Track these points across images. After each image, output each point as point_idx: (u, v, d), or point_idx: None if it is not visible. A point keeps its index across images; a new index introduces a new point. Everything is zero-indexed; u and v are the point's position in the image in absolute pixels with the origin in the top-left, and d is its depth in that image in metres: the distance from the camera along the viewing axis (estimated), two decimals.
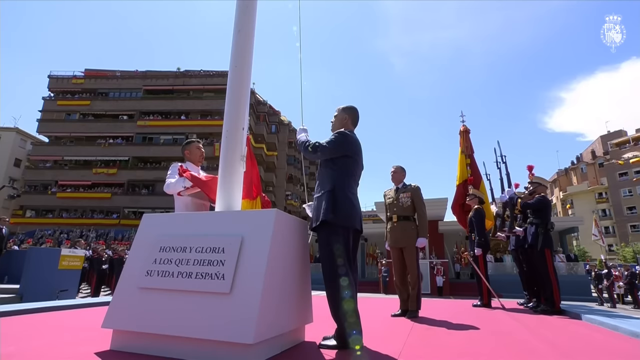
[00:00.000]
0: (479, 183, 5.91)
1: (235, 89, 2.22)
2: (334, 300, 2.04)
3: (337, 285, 2.03)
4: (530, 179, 4.80)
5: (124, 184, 34.63)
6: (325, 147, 2.26)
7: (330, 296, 2.07)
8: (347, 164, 2.29)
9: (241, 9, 2.42)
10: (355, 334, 2.02)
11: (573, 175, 54.59)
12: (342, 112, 2.55)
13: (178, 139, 35.34)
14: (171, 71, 38.66)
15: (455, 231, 18.12)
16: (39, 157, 36.07)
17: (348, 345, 2.02)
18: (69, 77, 38.75)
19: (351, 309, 2.03)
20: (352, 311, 2.03)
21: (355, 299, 2.13)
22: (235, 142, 2.11)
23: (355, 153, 2.36)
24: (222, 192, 2.08)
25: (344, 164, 2.28)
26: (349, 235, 2.19)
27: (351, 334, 2.01)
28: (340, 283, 2.03)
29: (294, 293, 2.03)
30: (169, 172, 2.82)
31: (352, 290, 2.09)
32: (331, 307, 2.07)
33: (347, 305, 2.02)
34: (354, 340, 2.01)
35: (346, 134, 2.34)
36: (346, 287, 2.03)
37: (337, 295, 2.03)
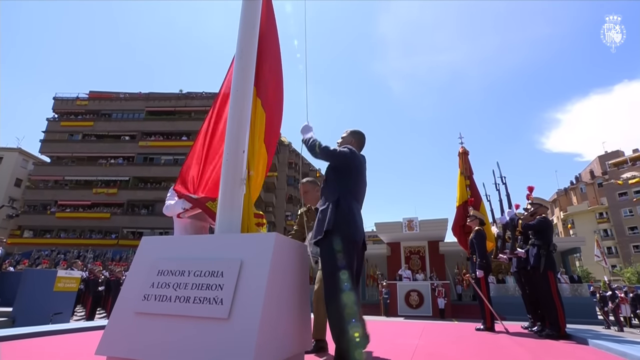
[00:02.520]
0: (479, 204, 5.91)
1: (236, 112, 2.26)
2: (336, 319, 1.95)
3: (340, 302, 1.94)
4: (530, 200, 4.80)
5: (124, 204, 34.58)
6: (333, 151, 2.29)
7: (331, 314, 1.98)
8: (351, 179, 2.31)
9: (243, 36, 2.49)
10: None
11: (573, 195, 54.57)
12: (350, 135, 2.60)
13: (179, 159, 35.53)
14: (173, 93, 39.37)
15: (456, 252, 17.93)
16: (40, 177, 36.18)
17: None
18: (73, 98, 39.42)
19: (356, 330, 1.91)
20: (357, 333, 1.91)
21: (363, 320, 2.06)
22: (236, 164, 2.13)
23: (360, 169, 2.38)
24: (222, 214, 2.08)
25: (348, 179, 2.30)
26: (353, 248, 2.15)
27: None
28: (344, 300, 1.93)
29: (294, 318, 2.00)
30: (168, 194, 2.84)
31: (358, 308, 1.99)
32: (332, 327, 1.98)
33: (352, 328, 1.90)
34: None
35: (353, 150, 2.39)
36: (351, 305, 1.92)
37: (340, 313, 1.93)
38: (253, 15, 2.56)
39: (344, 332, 1.93)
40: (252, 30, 2.53)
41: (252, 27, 2.54)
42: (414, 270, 18.54)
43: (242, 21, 2.52)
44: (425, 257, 19.11)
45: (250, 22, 2.53)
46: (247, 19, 2.52)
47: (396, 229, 18.05)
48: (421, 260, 19.20)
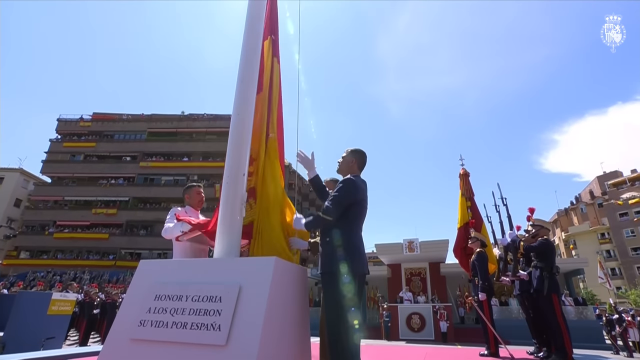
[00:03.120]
0: (480, 226, 5.88)
1: (236, 136, 2.29)
2: (340, 352, 1.95)
3: (346, 344, 1.94)
4: (531, 222, 4.78)
5: (123, 224, 34.36)
6: (334, 209, 2.21)
7: (336, 355, 1.97)
8: (353, 210, 2.29)
9: (245, 60, 2.55)
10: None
11: (573, 215, 54.34)
12: (350, 155, 2.57)
13: (179, 179, 35.62)
14: (175, 114, 39.87)
15: (458, 273, 17.68)
16: (40, 198, 36.11)
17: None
18: (76, 120, 39.88)
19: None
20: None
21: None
22: (236, 188, 2.13)
23: (361, 199, 2.35)
24: (221, 238, 2.07)
25: (350, 210, 2.27)
26: (361, 284, 2.17)
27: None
28: (350, 342, 1.94)
29: (293, 343, 1.95)
30: (167, 217, 2.82)
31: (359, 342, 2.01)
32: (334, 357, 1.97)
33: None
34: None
35: (349, 183, 2.33)
36: (357, 347, 1.94)
37: (344, 355, 1.94)
38: (255, 41, 2.62)
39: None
40: (253, 56, 2.59)
41: (253, 53, 2.60)
42: (415, 293, 18.22)
43: (244, 47, 2.58)
44: (427, 278, 18.82)
45: (252, 48, 2.59)
46: (249, 45, 2.59)
47: (397, 250, 17.87)
48: (422, 282, 18.90)
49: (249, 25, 2.62)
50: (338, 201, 2.22)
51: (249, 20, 2.63)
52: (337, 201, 2.21)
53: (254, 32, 2.64)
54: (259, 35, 2.68)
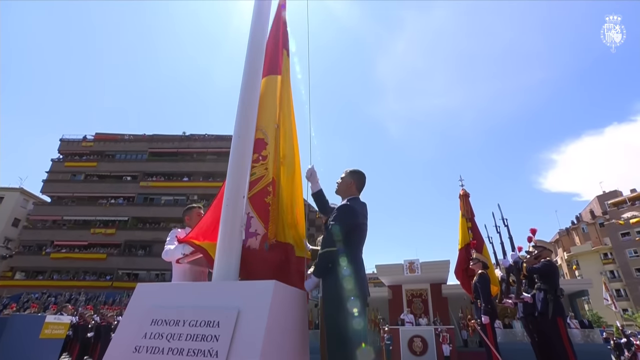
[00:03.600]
0: (481, 247, 5.83)
1: (237, 158, 2.30)
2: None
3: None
4: (534, 243, 4.74)
5: (121, 244, 34.07)
6: (332, 239, 2.19)
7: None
8: (353, 235, 2.27)
9: (247, 86, 2.59)
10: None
11: (575, 235, 53.95)
12: (349, 176, 2.57)
13: (179, 199, 35.60)
14: (177, 135, 40.28)
15: (460, 295, 17.35)
16: (39, 217, 35.95)
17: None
18: (79, 140, 40.22)
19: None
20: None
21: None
22: (235, 210, 2.13)
23: (360, 223, 2.33)
24: (220, 261, 2.05)
25: (350, 235, 2.25)
26: (359, 305, 2.13)
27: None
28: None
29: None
30: (167, 239, 2.81)
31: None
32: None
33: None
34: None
35: (344, 210, 2.31)
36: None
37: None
38: (257, 63, 2.66)
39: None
40: (255, 78, 2.64)
41: (255, 75, 2.65)
42: (417, 315, 17.83)
43: (246, 70, 2.63)
44: (428, 300, 18.46)
45: (254, 71, 2.63)
46: (250, 68, 2.63)
47: (397, 271, 17.63)
48: (424, 303, 18.53)
49: (251, 49, 2.67)
50: (336, 231, 2.20)
51: (252, 43, 2.68)
52: (335, 231, 2.20)
53: (256, 55, 2.68)
54: (260, 58, 2.73)
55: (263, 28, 2.77)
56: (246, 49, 2.72)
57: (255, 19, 2.74)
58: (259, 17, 2.75)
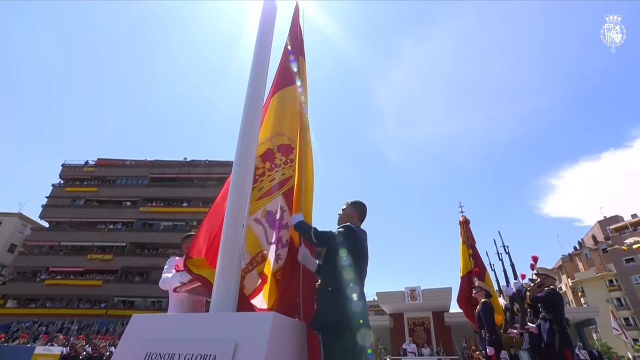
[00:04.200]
0: (483, 274, 5.73)
1: (237, 186, 2.31)
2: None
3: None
4: (536, 271, 4.67)
5: (118, 270, 33.50)
6: (329, 236, 2.27)
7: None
8: (353, 259, 2.25)
9: (248, 114, 2.65)
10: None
11: (578, 261, 53.15)
12: (350, 207, 2.59)
13: (178, 225, 35.39)
14: (178, 160, 40.55)
15: (463, 323, 16.89)
16: (35, 243, 35.50)
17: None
18: (81, 165, 40.37)
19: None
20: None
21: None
22: (235, 239, 2.11)
23: (361, 247, 2.34)
24: (218, 291, 2.01)
25: (350, 259, 2.24)
26: (361, 333, 2.07)
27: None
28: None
29: None
30: (165, 267, 2.77)
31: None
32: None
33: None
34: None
35: (352, 228, 2.35)
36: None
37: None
38: (258, 92, 2.72)
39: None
40: (256, 107, 2.69)
41: (256, 104, 2.71)
42: (419, 344, 17.28)
43: (248, 98, 2.69)
44: (431, 329, 17.95)
45: (255, 99, 2.69)
46: (252, 97, 2.69)
47: (398, 298, 17.26)
48: (426, 332, 18.01)
49: (253, 79, 2.73)
50: (330, 237, 2.30)
51: (254, 71, 2.75)
52: (330, 236, 2.30)
53: (258, 85, 2.75)
54: (262, 88, 2.79)
55: (265, 58, 2.85)
56: (248, 80, 2.80)
57: (258, 50, 2.83)
58: (261, 49, 2.84)
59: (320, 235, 2.29)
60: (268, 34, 2.92)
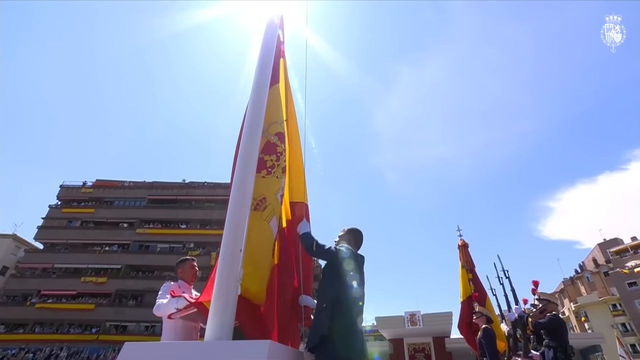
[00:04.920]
0: (484, 299, 5.63)
1: (235, 211, 2.30)
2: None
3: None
4: (538, 296, 4.60)
5: (111, 294, 32.72)
6: (329, 250, 2.29)
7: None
8: (349, 280, 2.24)
9: (247, 141, 2.67)
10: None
11: (580, 284, 52.38)
12: (347, 234, 2.61)
13: (175, 247, 34.98)
14: (177, 182, 40.53)
15: (465, 349, 16.40)
16: (28, 265, 34.81)
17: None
18: (79, 186, 40.16)
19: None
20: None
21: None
22: (232, 265, 2.09)
23: (358, 269, 2.35)
24: (213, 318, 1.97)
25: (345, 279, 2.23)
26: (351, 356, 2.02)
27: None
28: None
29: None
30: (159, 292, 2.72)
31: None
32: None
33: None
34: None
35: (351, 249, 2.39)
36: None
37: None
38: (257, 119, 2.76)
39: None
40: (255, 132, 2.72)
41: (255, 129, 2.74)
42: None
43: (247, 127, 2.73)
44: (432, 355, 17.42)
45: (254, 127, 2.73)
46: (251, 124, 2.73)
47: (398, 323, 16.85)
48: (427, 359, 17.46)
49: (253, 101, 2.78)
50: (329, 251, 2.33)
51: (254, 97, 2.79)
52: (329, 251, 2.33)
53: (257, 111, 2.78)
54: (261, 111, 2.82)
55: (264, 85, 2.91)
56: (247, 104, 2.85)
57: (258, 76, 2.89)
58: (261, 74, 2.90)
59: (321, 249, 2.32)
60: (268, 60, 2.99)
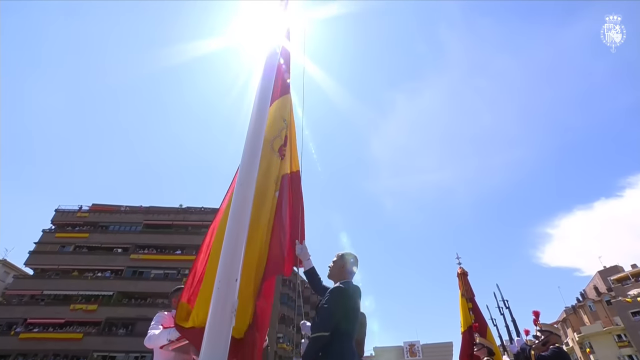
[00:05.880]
0: (485, 330, 5.49)
1: (232, 238, 2.28)
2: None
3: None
4: (540, 327, 4.50)
5: (101, 322, 31.59)
6: (325, 323, 2.16)
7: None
8: (346, 319, 2.22)
9: (245, 167, 2.69)
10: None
11: (582, 313, 51.30)
12: (341, 259, 2.58)
13: (169, 273, 34.31)
14: (173, 207, 40.25)
15: None
16: (16, 292, 33.71)
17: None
18: (74, 210, 39.62)
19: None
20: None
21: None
22: (227, 295, 2.04)
23: (352, 307, 2.31)
24: (207, 351, 1.91)
25: (342, 316, 2.21)
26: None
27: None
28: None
29: None
30: (152, 323, 2.65)
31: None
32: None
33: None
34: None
35: (337, 293, 2.30)
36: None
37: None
38: (257, 142, 2.78)
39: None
40: (255, 152, 2.73)
41: (254, 157, 2.76)
42: None
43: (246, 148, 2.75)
44: None
45: (253, 151, 2.75)
46: (250, 150, 2.75)
47: (397, 354, 16.38)
48: None
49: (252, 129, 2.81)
50: (328, 315, 2.17)
51: (253, 122, 2.83)
52: (327, 315, 2.17)
53: (256, 137, 2.81)
54: (260, 138, 2.85)
55: (263, 114, 2.96)
56: (246, 133, 2.89)
57: (257, 107, 2.95)
58: (261, 104, 2.97)
59: (312, 353, 2.15)
60: (268, 88, 3.06)
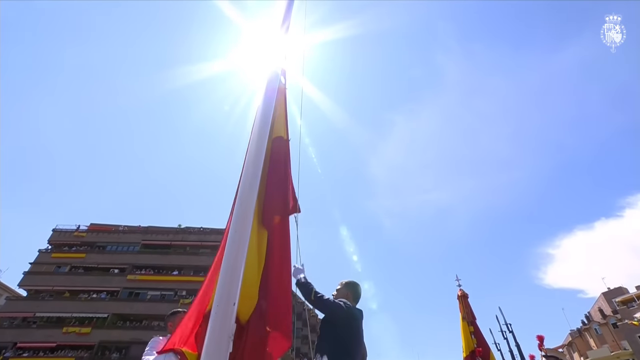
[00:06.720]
0: (488, 354, 5.35)
1: (231, 261, 2.26)
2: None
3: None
4: (543, 352, 4.39)
5: (94, 345, 30.69)
6: (327, 301, 2.25)
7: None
8: (346, 334, 2.23)
9: (245, 186, 2.70)
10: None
11: (589, 337, 50.03)
12: (345, 288, 2.64)
13: (166, 294, 33.69)
14: (172, 227, 39.96)
15: None
16: (7, 314, 32.79)
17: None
18: (72, 230, 39.21)
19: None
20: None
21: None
22: (224, 320, 2.01)
23: (356, 324, 2.33)
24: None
25: (342, 334, 2.21)
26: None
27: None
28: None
29: None
30: (146, 348, 2.59)
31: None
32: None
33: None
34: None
35: (349, 304, 2.38)
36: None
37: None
38: (257, 156, 2.80)
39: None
40: (253, 180, 2.74)
41: (254, 178, 2.77)
42: None
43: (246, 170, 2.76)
44: None
45: (255, 164, 2.76)
46: (252, 160, 2.76)
47: None
48: None
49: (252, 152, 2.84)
50: (328, 303, 2.26)
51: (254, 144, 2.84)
52: (328, 302, 2.26)
53: (257, 157, 2.82)
54: (260, 159, 2.86)
55: (263, 138, 2.99)
56: (245, 153, 2.91)
57: (257, 128, 2.99)
58: (261, 126, 3.01)
59: (320, 300, 2.27)
60: (269, 111, 3.11)
